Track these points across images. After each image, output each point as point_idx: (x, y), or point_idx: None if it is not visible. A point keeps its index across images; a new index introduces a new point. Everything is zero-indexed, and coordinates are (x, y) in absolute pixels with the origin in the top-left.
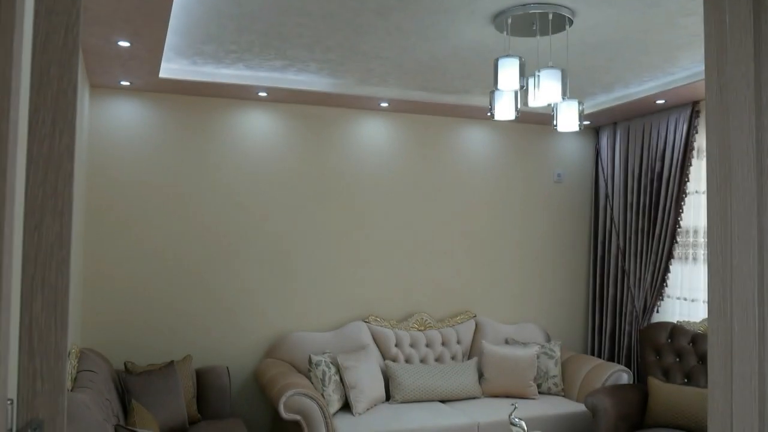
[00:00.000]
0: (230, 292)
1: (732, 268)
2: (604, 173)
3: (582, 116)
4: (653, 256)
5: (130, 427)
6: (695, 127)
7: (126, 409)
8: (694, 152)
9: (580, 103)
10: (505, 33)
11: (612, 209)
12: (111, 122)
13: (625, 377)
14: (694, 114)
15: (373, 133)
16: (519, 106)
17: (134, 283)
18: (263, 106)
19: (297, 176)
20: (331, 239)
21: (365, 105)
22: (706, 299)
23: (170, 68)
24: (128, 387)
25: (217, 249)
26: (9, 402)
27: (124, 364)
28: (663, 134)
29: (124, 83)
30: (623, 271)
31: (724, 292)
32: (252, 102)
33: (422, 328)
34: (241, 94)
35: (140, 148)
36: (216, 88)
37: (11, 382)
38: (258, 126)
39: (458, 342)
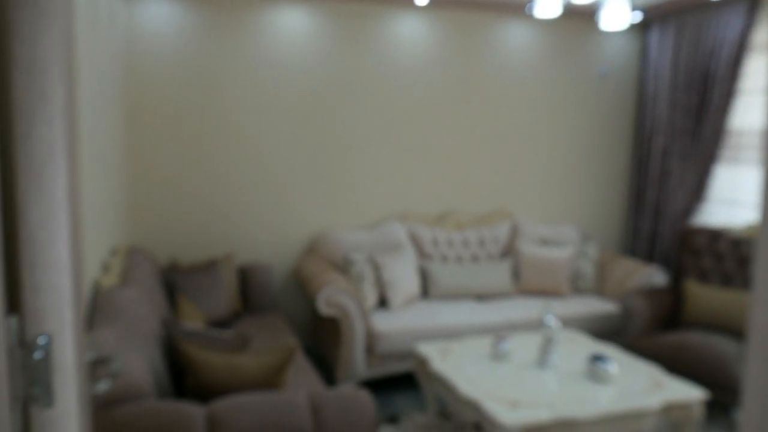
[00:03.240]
0: (270, 193)
1: None
2: (651, 71)
3: (631, 12)
4: (698, 158)
5: (176, 320)
6: (754, 21)
7: (172, 304)
8: (751, 49)
9: None
10: None
11: (657, 109)
12: (148, 24)
13: (660, 279)
14: (754, 7)
15: (410, 31)
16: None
17: (176, 184)
18: (297, 3)
19: (333, 76)
20: (368, 139)
21: (402, 1)
22: (751, 203)
23: None
24: (174, 283)
25: (256, 150)
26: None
27: (170, 261)
28: (717, 29)
29: None
30: (665, 173)
31: None
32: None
33: (458, 227)
34: None
35: (177, 50)
36: None
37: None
38: (292, 25)
39: (494, 242)
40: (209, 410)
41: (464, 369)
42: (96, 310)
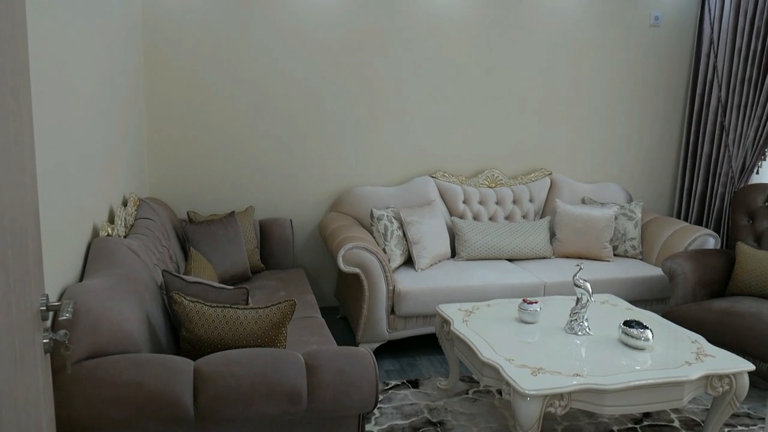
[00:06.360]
0: (294, 147)
1: None
2: (710, 14)
3: None
4: (759, 110)
5: (176, 273)
6: None
7: (187, 258)
8: None
9: None
10: None
11: (716, 56)
12: None
13: (711, 242)
14: None
15: None
16: None
17: (196, 137)
18: None
19: (358, 24)
20: (398, 92)
21: None
22: None
23: None
24: (188, 236)
25: (279, 103)
26: None
27: (187, 213)
28: None
29: None
30: (722, 127)
31: None
32: None
33: (493, 184)
34: None
35: (196, 3)
36: None
37: None
38: None
39: (530, 200)
40: (197, 364)
41: (487, 332)
42: (91, 258)
